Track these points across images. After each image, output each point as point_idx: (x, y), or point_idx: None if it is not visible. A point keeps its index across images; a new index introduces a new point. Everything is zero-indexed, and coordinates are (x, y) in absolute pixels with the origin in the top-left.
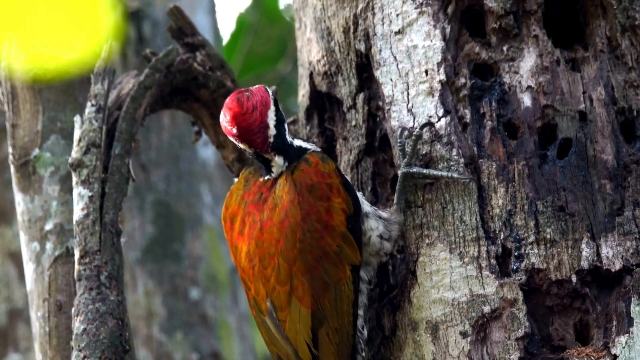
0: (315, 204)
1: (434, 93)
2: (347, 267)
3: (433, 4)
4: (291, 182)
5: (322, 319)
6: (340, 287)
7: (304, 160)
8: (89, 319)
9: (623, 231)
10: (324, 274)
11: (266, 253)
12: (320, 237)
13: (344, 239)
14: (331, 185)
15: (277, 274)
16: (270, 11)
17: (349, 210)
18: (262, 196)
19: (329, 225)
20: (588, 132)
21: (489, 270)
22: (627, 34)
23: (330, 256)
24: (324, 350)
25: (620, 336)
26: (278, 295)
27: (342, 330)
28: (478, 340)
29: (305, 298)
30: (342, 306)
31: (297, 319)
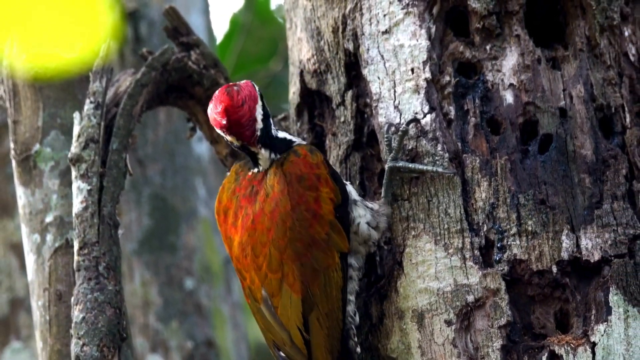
0: (304, 194)
1: (419, 90)
2: (336, 254)
3: (419, 5)
4: (281, 173)
5: (312, 305)
6: (330, 274)
7: (293, 152)
8: (88, 308)
9: (602, 223)
10: (313, 261)
11: (258, 242)
12: (309, 225)
13: (333, 227)
14: (319, 175)
15: (269, 262)
16: (262, 12)
17: (337, 199)
18: (254, 189)
19: (317, 214)
20: (568, 128)
21: (472, 261)
22: (605, 34)
23: (319, 244)
24: (315, 334)
25: (599, 324)
26: (270, 283)
27: (332, 315)
28: (462, 328)
29: (295, 284)
30: (331, 292)
31: (288, 305)
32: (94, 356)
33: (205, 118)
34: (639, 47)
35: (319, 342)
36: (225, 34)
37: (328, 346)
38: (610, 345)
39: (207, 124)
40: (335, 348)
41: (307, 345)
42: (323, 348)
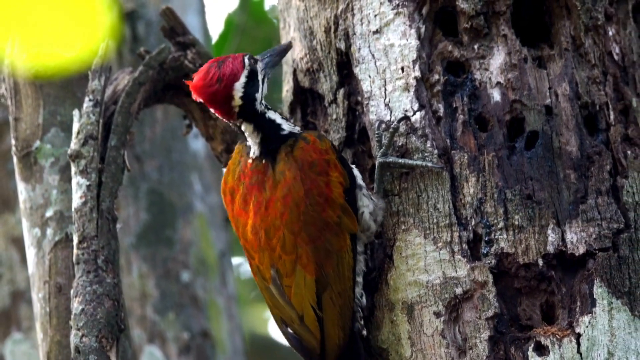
0: (316, 179)
1: (409, 89)
2: (347, 236)
3: (409, 5)
4: (292, 160)
5: (325, 285)
6: (342, 255)
7: (302, 139)
8: (87, 300)
9: (586, 218)
10: (327, 244)
11: (271, 225)
12: (322, 209)
13: (344, 210)
14: (329, 161)
15: (283, 245)
16: (257, 12)
17: (346, 183)
18: (259, 178)
19: (329, 198)
20: (554, 125)
21: (460, 254)
22: (590, 34)
23: (331, 227)
24: (328, 312)
25: (583, 316)
26: (284, 264)
27: (344, 294)
28: (451, 319)
29: (309, 266)
30: (343, 272)
31: (302, 285)
32: (92, 347)
33: (201, 115)
34: (622, 47)
35: (333, 319)
36: (221, 33)
37: (341, 323)
38: (595, 336)
39: (202, 121)
40: (347, 325)
41: (320, 323)
42: (336, 324)
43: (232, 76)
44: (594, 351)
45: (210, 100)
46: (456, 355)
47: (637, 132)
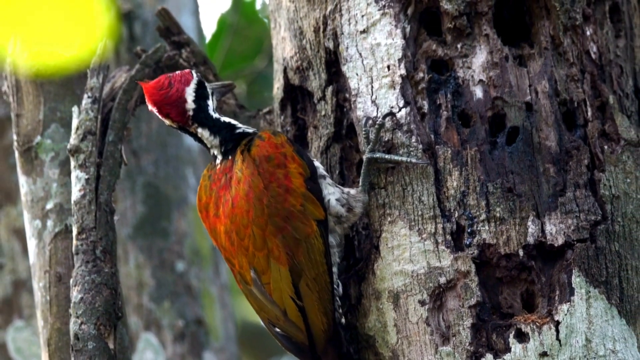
0: (274, 172)
1: (395, 86)
2: (313, 222)
3: (394, 6)
4: (249, 157)
5: (299, 272)
6: (310, 241)
7: (257, 137)
8: (86, 289)
9: (565, 210)
10: (293, 232)
11: (240, 225)
12: (283, 200)
13: (306, 198)
14: (285, 154)
15: (254, 242)
16: (248, 13)
17: (306, 173)
18: (227, 177)
19: (289, 188)
20: (534, 121)
21: (444, 245)
22: (568, 33)
23: (296, 215)
24: (307, 299)
25: (562, 304)
26: (258, 261)
27: (319, 278)
28: (435, 308)
29: (281, 257)
30: (315, 257)
31: (279, 278)
32: (91, 334)
33: None
34: (599, 46)
35: (312, 305)
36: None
37: (322, 308)
38: (573, 323)
39: None
40: (328, 310)
41: (302, 312)
42: (317, 310)
43: (183, 82)
44: (572, 338)
45: (164, 102)
46: (440, 342)
47: (614, 127)
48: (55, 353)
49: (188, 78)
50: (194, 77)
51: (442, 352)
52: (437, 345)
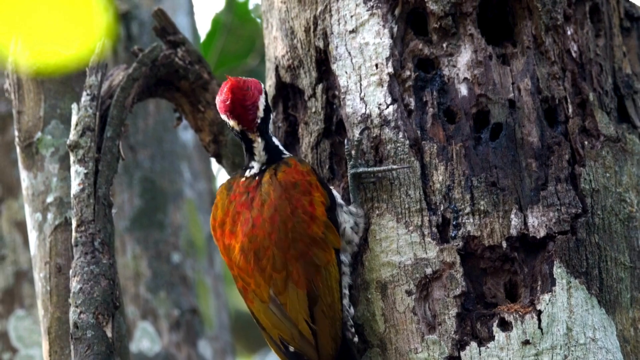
0: (300, 199)
1: (383, 84)
2: (333, 251)
3: (382, 7)
4: (276, 181)
5: (316, 298)
6: (329, 269)
7: (284, 163)
8: (85, 279)
9: (547, 203)
10: (315, 258)
11: (260, 246)
12: (307, 227)
13: (327, 226)
14: (310, 182)
15: (273, 263)
16: (241, 13)
17: (327, 202)
18: (249, 195)
19: (313, 215)
20: (516, 118)
21: (430, 237)
22: (550, 33)
23: (318, 242)
24: (320, 324)
25: (544, 294)
26: (275, 282)
27: (334, 305)
28: (421, 297)
29: (300, 281)
30: (332, 284)
31: (296, 300)
32: (90, 323)
33: (190, 108)
34: (580, 45)
35: (324, 331)
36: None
37: (332, 334)
38: (555, 313)
39: (192, 114)
40: (337, 335)
41: (314, 335)
42: (328, 335)
43: (259, 89)
44: (553, 327)
45: (241, 103)
46: (426, 331)
47: (594, 124)
48: (55, 341)
49: (260, 87)
50: (263, 87)
51: (428, 341)
52: (423, 333)
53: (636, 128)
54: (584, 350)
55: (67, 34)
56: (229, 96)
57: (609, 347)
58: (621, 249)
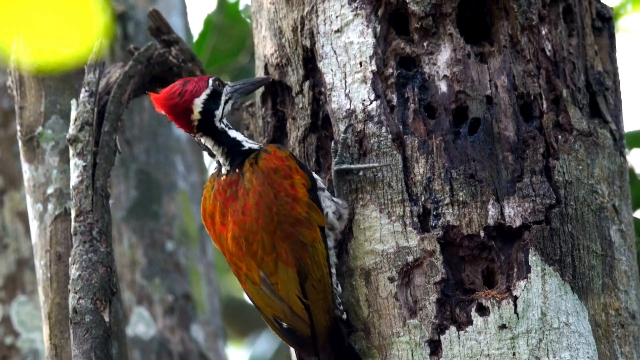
0: (282, 182)
1: (366, 81)
2: (317, 228)
3: (366, 8)
4: (258, 169)
5: (306, 274)
6: (315, 245)
7: (263, 151)
8: (83, 266)
9: (522, 194)
10: (301, 237)
11: (249, 232)
12: (291, 208)
13: (310, 206)
14: (290, 166)
15: (263, 247)
16: (232, 13)
17: (308, 184)
18: (233, 189)
19: (296, 197)
20: (493, 113)
21: (412, 226)
22: (525, 33)
23: (302, 222)
24: (312, 298)
25: (520, 281)
26: (267, 265)
27: (323, 279)
28: (403, 284)
29: (289, 260)
30: (319, 260)
31: (286, 279)
32: (88, 308)
33: None
34: (554, 44)
35: (317, 304)
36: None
37: (325, 307)
38: (530, 298)
39: None
40: (330, 308)
41: (307, 310)
42: (321, 309)
43: (194, 92)
44: (529, 311)
45: (170, 112)
46: (408, 315)
47: (567, 119)
48: (55, 326)
49: (200, 88)
50: (208, 87)
51: (409, 325)
52: (405, 318)
53: (607, 123)
54: (557, 334)
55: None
56: (158, 108)
57: (582, 331)
58: (593, 237)
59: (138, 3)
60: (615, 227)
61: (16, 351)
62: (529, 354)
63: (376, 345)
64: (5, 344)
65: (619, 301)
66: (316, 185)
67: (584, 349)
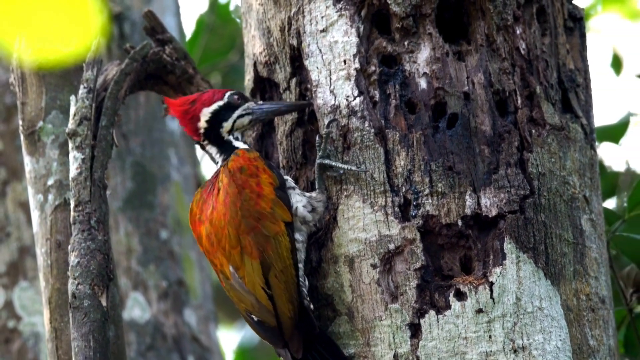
0: (247, 180)
1: (350, 78)
2: (281, 222)
3: (350, 9)
4: (227, 169)
5: (269, 266)
6: (279, 238)
7: (234, 153)
8: (82, 254)
9: (498, 186)
10: (264, 230)
11: (218, 227)
12: (255, 203)
13: (275, 203)
14: (257, 166)
15: (229, 240)
16: (223, 14)
17: (275, 183)
18: (213, 187)
19: (260, 194)
20: (471, 109)
21: (393, 216)
22: (501, 32)
23: (266, 216)
24: (275, 289)
25: (496, 267)
26: (234, 258)
27: (285, 271)
28: (385, 270)
29: (253, 252)
30: (282, 252)
31: (251, 271)
32: (86, 293)
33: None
34: (528, 43)
35: (280, 294)
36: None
37: (288, 296)
38: (505, 284)
39: None
40: (294, 298)
41: (272, 300)
42: (283, 298)
43: (205, 102)
44: (504, 296)
45: (180, 117)
46: (389, 300)
47: (540, 114)
48: (55, 310)
49: (214, 100)
50: (223, 99)
51: (391, 309)
52: (387, 302)
53: (578, 118)
54: (531, 318)
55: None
56: (171, 113)
57: (554, 315)
58: (565, 226)
59: (134, 4)
60: (586, 217)
61: (18, 334)
62: (504, 336)
63: (359, 329)
64: (8, 327)
65: (589, 287)
66: (285, 184)
67: (556, 332)
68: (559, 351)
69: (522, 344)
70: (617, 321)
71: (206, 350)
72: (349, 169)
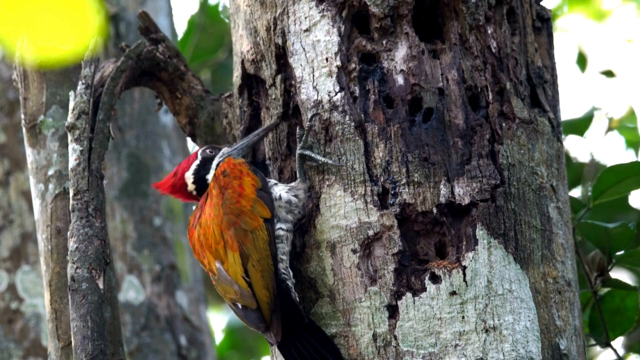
0: (230, 182)
1: (332, 75)
2: (260, 218)
3: (332, 10)
4: (214, 176)
5: (247, 257)
6: (256, 232)
7: (222, 161)
8: (80, 240)
9: (470, 176)
10: (243, 225)
11: (205, 227)
12: (236, 201)
13: (255, 202)
14: (241, 170)
15: (214, 237)
16: (213, 14)
17: (258, 185)
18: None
19: (242, 193)
20: (445, 103)
21: (372, 204)
22: (473, 32)
23: (245, 213)
24: (253, 277)
25: (468, 252)
26: (218, 253)
27: (262, 261)
28: (364, 255)
29: (233, 245)
30: (259, 245)
31: (233, 262)
32: (85, 276)
33: (169, 95)
34: (499, 42)
35: (256, 282)
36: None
37: (264, 284)
38: (477, 268)
39: (170, 100)
40: (270, 285)
41: (250, 287)
42: (260, 286)
43: (185, 168)
44: (476, 280)
45: (171, 192)
46: (369, 283)
47: (510, 109)
48: (55, 292)
49: (190, 163)
50: (197, 158)
51: (370, 291)
52: (366, 285)
53: (546, 112)
54: (502, 300)
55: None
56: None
57: (523, 297)
58: (533, 214)
59: (129, 5)
60: (553, 205)
61: (21, 315)
62: (476, 317)
63: (341, 310)
64: (11, 309)
65: (556, 270)
66: (267, 185)
67: (525, 313)
68: (527, 331)
69: (493, 324)
70: (583, 303)
71: (197, 330)
72: (326, 162)
